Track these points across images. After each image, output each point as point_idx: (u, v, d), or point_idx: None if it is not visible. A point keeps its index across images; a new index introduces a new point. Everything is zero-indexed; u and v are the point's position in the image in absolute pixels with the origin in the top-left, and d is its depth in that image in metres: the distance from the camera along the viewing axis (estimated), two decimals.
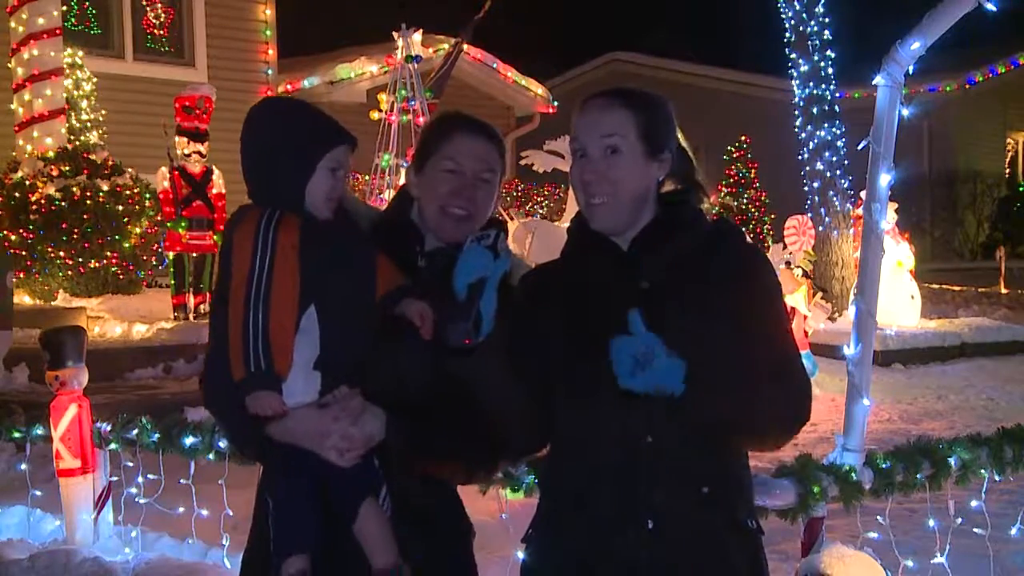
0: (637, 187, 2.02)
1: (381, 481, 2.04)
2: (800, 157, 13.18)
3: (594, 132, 2.01)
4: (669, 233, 2.04)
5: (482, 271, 1.95)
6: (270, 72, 14.62)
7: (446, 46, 16.25)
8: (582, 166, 2.03)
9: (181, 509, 4.41)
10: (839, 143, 12.92)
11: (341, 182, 2.09)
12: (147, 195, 10.19)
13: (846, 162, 12.91)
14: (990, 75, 21.64)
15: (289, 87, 15.88)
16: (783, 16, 13.06)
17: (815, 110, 12.89)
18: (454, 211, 2.14)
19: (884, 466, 3.26)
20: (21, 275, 9.48)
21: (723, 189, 19.28)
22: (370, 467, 2.03)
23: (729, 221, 2.17)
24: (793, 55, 13.07)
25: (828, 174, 12.86)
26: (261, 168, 2.08)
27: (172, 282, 9.28)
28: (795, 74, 13.09)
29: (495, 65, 18.16)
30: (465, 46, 11.73)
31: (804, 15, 12.85)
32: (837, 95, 13.12)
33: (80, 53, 11.54)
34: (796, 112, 13.13)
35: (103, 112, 11.63)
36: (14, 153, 10.36)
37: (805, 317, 9.19)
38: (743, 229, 2.33)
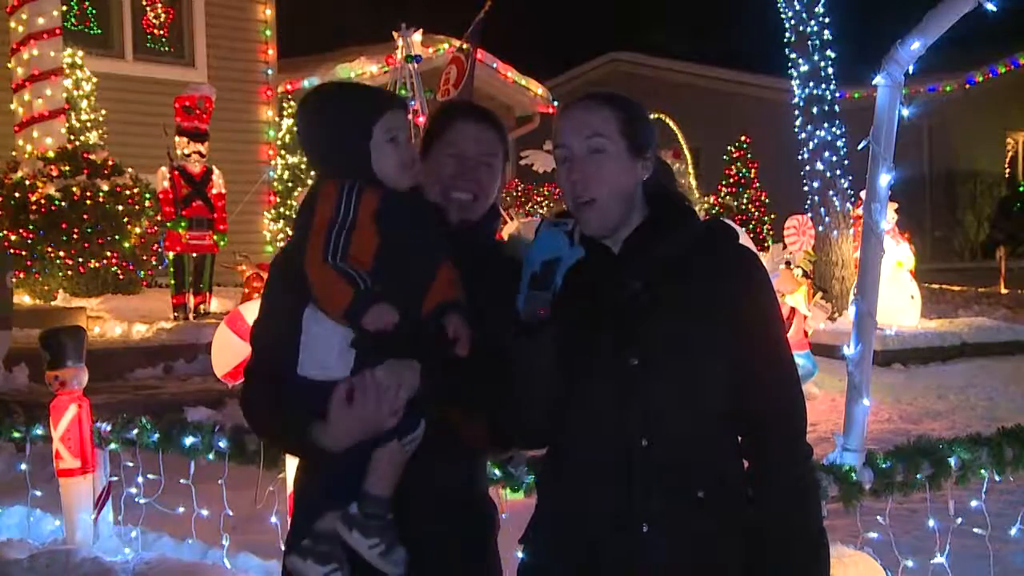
0: (624, 186, 2.03)
1: (415, 425, 1.99)
2: (800, 157, 13.18)
3: (578, 133, 2.03)
4: (660, 233, 2.05)
5: (557, 251, 1.96)
6: (270, 72, 14.61)
7: (446, 46, 16.25)
8: (568, 168, 2.04)
9: (181, 509, 4.41)
10: (839, 143, 12.91)
11: (405, 147, 2.07)
12: (147, 195, 10.19)
13: (846, 162, 12.91)
14: (990, 75, 21.64)
15: (289, 87, 15.88)
16: (783, 16, 13.05)
17: (815, 110, 12.89)
18: (458, 196, 2.19)
19: (884, 466, 3.26)
20: (21, 275, 9.48)
21: (723, 189, 19.29)
22: (409, 414, 1.99)
23: (722, 221, 2.17)
24: (793, 55, 13.06)
25: (828, 174, 12.85)
26: (327, 157, 2.07)
27: (172, 282, 9.28)
28: (795, 74, 13.08)
29: (495, 65, 18.14)
30: (468, 47, 11.67)
31: (804, 15, 12.84)
32: (837, 95, 13.11)
33: (80, 53, 11.53)
34: (796, 112, 13.12)
35: (103, 112, 11.62)
36: (14, 153, 10.36)
37: (805, 317, 9.18)
38: (738, 230, 2.31)
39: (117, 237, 9.88)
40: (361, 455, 1.98)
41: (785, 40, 13.14)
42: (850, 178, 12.80)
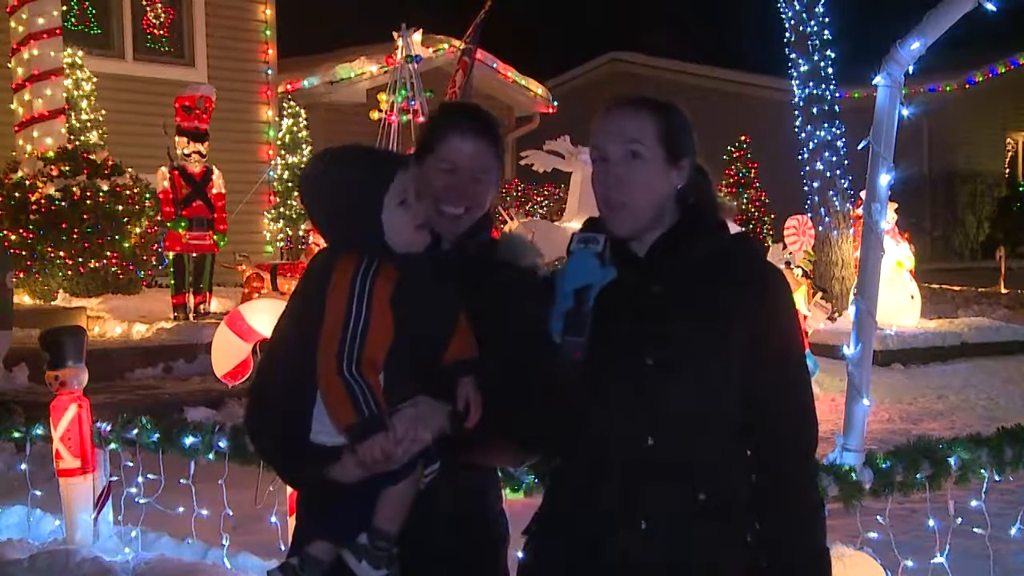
0: (657, 193, 2.02)
1: (430, 460, 2.03)
2: (800, 157, 13.19)
3: (615, 137, 2.02)
4: (688, 240, 2.04)
5: (589, 278, 1.93)
6: (270, 72, 14.62)
7: (446, 46, 16.26)
8: (603, 171, 2.04)
9: (181, 509, 4.41)
10: (839, 143, 12.92)
11: (416, 205, 2.05)
12: (147, 195, 10.20)
13: (846, 162, 12.92)
14: (990, 75, 21.67)
15: (289, 87, 15.89)
16: (783, 16, 13.06)
17: (815, 110, 12.90)
18: (449, 210, 2.17)
19: (884, 466, 3.26)
20: (21, 275, 9.48)
21: (723, 189, 19.27)
22: (425, 450, 2.02)
23: (748, 235, 2.17)
24: (793, 55, 13.07)
25: (828, 174, 12.86)
26: (335, 224, 2.05)
27: (172, 282, 9.28)
28: (795, 74, 13.09)
29: (495, 65, 18.15)
30: (469, 47, 11.68)
31: (804, 15, 12.86)
32: (837, 95, 13.12)
33: (80, 53, 11.54)
34: (796, 112, 13.13)
35: (103, 112, 11.63)
36: (14, 153, 10.37)
37: (805, 317, 9.20)
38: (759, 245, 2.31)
39: (117, 237, 9.88)
40: (361, 495, 2.00)
41: (785, 40, 13.15)
42: (850, 178, 12.81)
